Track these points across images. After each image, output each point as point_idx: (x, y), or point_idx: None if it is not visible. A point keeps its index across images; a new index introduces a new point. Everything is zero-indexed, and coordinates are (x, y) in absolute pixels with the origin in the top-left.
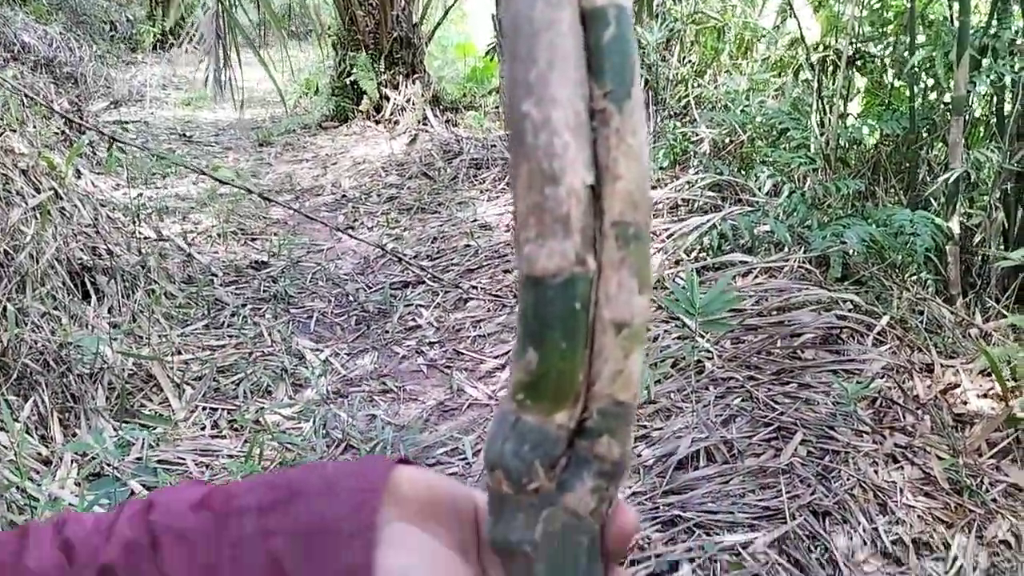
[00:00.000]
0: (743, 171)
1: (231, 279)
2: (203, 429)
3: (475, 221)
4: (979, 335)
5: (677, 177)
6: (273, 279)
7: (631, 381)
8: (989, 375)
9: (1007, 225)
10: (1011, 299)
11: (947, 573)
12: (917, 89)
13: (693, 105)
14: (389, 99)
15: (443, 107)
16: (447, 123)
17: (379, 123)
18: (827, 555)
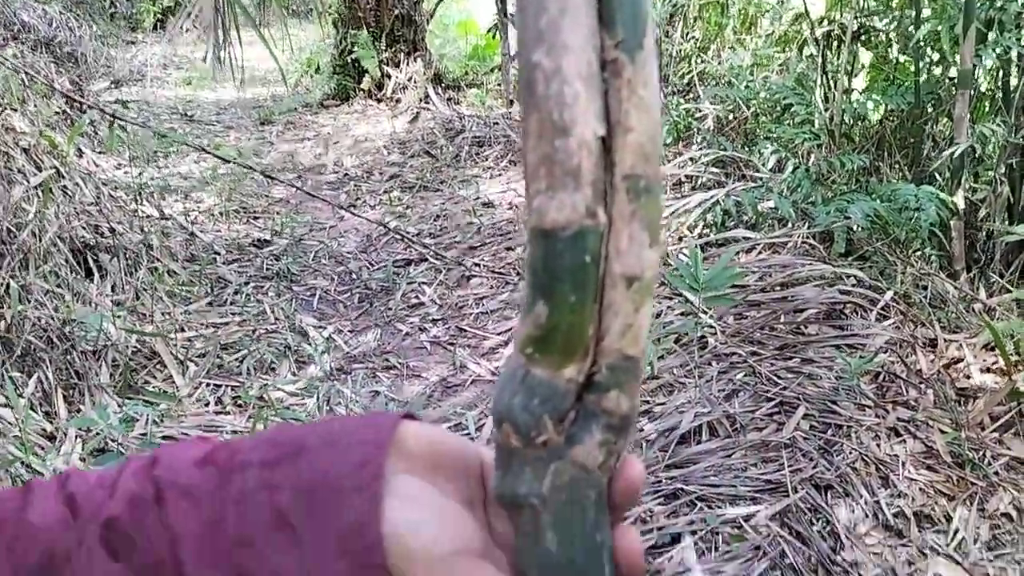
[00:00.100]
0: (747, 147)
1: (234, 257)
2: (207, 405)
3: (478, 199)
4: (983, 310)
5: (680, 153)
6: (276, 257)
7: (640, 335)
8: (992, 349)
9: (1012, 200)
10: (1015, 274)
11: (948, 545)
12: (922, 63)
13: (697, 81)
14: (390, 77)
15: (445, 85)
16: (449, 101)
17: (381, 101)
18: (829, 528)
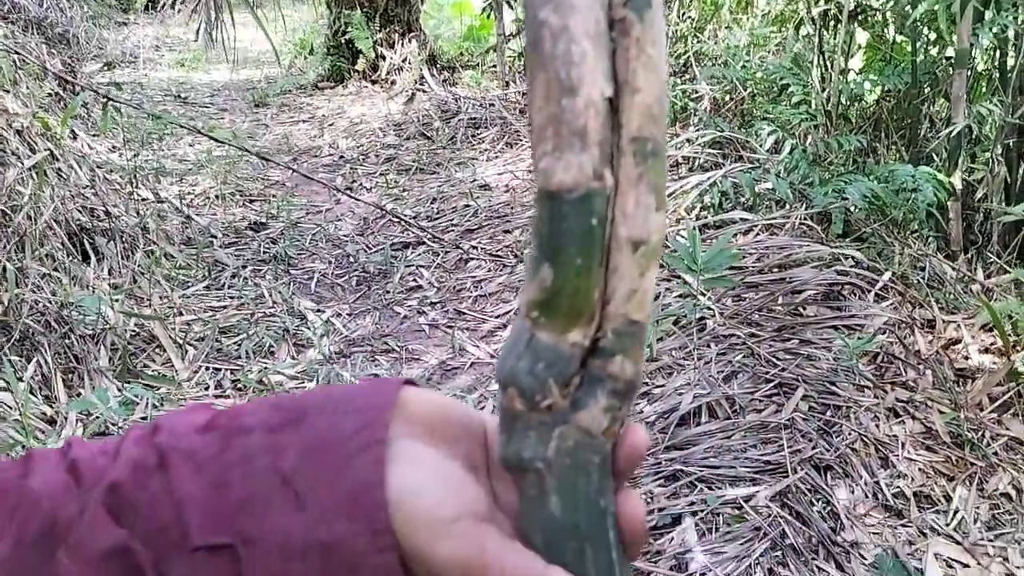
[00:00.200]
0: (744, 128)
1: (230, 240)
2: (207, 389)
3: (474, 181)
4: (980, 290)
5: (677, 135)
6: (273, 240)
7: (646, 300)
8: (990, 330)
9: (1009, 180)
10: (1013, 254)
11: (948, 525)
12: (919, 43)
13: (693, 62)
14: (385, 58)
15: (440, 66)
16: (444, 82)
17: (375, 83)
18: (828, 508)
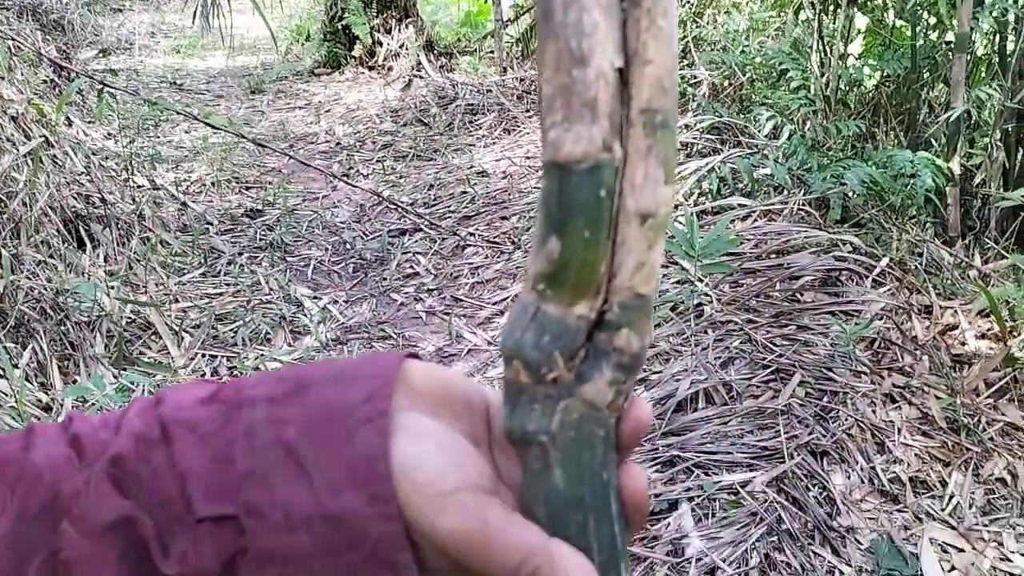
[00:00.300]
0: (743, 113)
1: (227, 227)
2: (203, 376)
3: (472, 168)
4: (978, 276)
5: None
6: (269, 227)
7: (653, 274)
8: (987, 316)
9: (1007, 165)
10: (1010, 240)
11: (944, 510)
12: (919, 28)
13: (692, 46)
14: (382, 44)
15: (437, 52)
16: (442, 69)
17: (372, 69)
18: (825, 494)
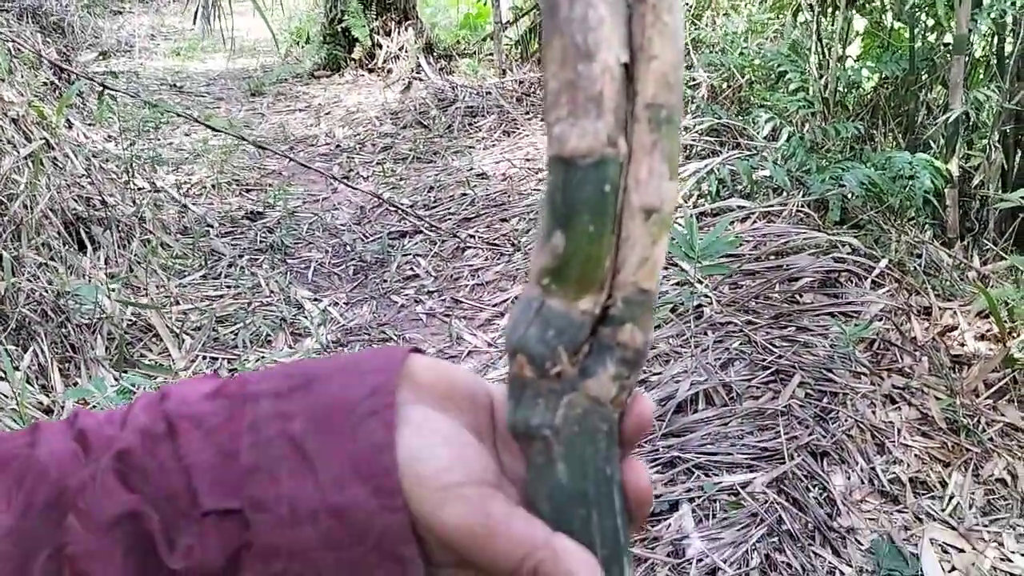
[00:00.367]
0: (741, 115)
1: (227, 230)
2: None
3: (471, 170)
4: (977, 277)
5: None
6: (269, 230)
7: (657, 269)
8: (986, 316)
9: (1006, 167)
10: (1009, 241)
11: (944, 511)
12: (917, 30)
13: (691, 49)
14: (382, 47)
15: (437, 55)
16: (441, 71)
17: (372, 71)
18: (825, 494)
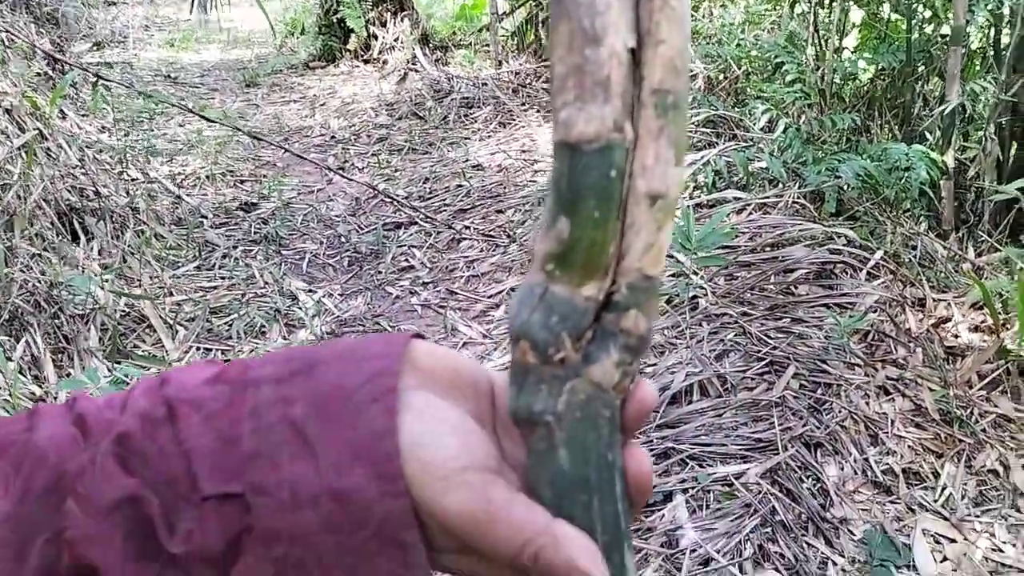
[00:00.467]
0: (738, 106)
1: (221, 221)
2: None
3: (467, 161)
4: (971, 269)
5: None
6: (264, 221)
7: (661, 256)
8: (980, 308)
9: (1001, 159)
10: (1004, 233)
11: (936, 502)
12: (914, 21)
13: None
14: (377, 38)
15: (433, 46)
16: (437, 62)
17: (367, 62)
18: (819, 485)
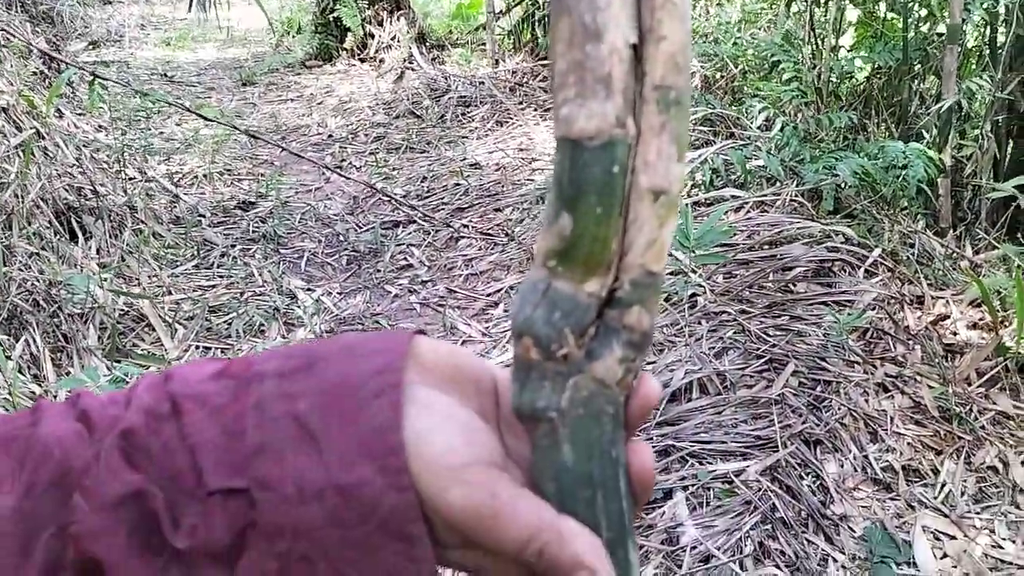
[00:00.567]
0: (735, 105)
1: (219, 220)
2: None
3: (464, 160)
4: (969, 267)
5: None
6: (262, 219)
7: (664, 251)
8: (978, 306)
9: (998, 156)
10: (1001, 230)
11: (936, 498)
12: (910, 20)
13: None
14: (374, 36)
15: (429, 44)
16: (434, 61)
17: (364, 61)
18: (818, 482)
